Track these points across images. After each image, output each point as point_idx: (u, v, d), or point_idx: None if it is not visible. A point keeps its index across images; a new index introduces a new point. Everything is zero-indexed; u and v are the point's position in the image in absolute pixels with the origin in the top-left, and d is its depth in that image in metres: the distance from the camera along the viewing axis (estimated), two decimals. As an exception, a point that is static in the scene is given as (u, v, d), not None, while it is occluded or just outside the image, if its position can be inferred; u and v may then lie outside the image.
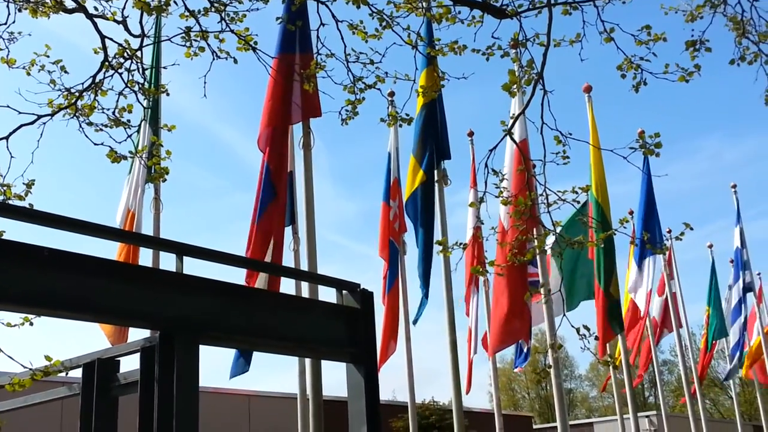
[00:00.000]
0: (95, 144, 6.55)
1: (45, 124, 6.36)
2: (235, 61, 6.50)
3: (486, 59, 6.46)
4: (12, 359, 4.46)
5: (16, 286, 3.23)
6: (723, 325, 21.02)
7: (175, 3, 6.34)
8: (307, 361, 8.69)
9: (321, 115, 9.18)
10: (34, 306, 3.46)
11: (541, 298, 10.53)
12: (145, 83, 6.73)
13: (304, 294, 8.28)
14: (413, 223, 11.45)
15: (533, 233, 8.86)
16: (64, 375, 4.55)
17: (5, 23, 6.32)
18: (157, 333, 3.64)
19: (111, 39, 6.37)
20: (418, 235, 11.26)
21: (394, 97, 9.47)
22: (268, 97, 9.23)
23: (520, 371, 48.43)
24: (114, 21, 6.31)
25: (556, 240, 7.25)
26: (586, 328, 6.41)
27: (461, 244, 7.51)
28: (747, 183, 75.31)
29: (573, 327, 6.39)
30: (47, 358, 4.42)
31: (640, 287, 16.70)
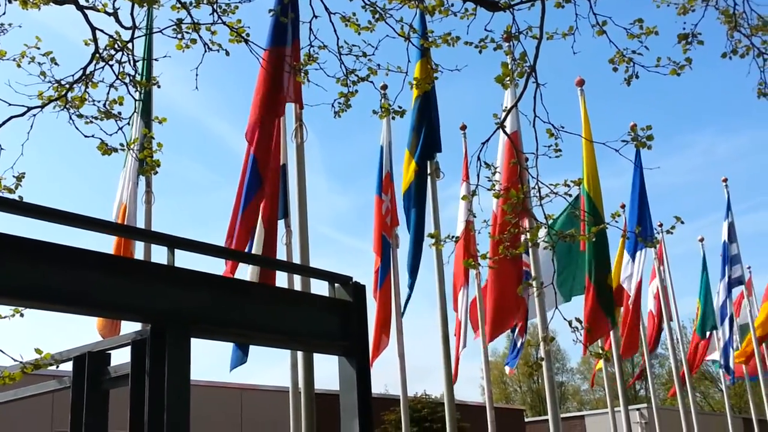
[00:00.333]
0: (86, 136, 6.52)
1: (35, 116, 6.33)
2: (227, 54, 6.48)
3: (479, 52, 6.46)
4: (2, 352, 4.45)
5: (5, 279, 3.20)
6: (713, 318, 21.11)
7: (167, -6, 6.31)
8: (299, 355, 8.69)
9: (302, 108, 9.18)
10: (24, 299, 3.43)
11: (533, 290, 10.55)
12: (137, 75, 6.69)
13: (296, 287, 8.27)
14: (406, 216, 11.44)
15: (525, 226, 8.87)
16: (54, 368, 4.54)
17: (-5, 15, 6.27)
18: (148, 326, 3.63)
19: (102, 31, 6.34)
20: (410, 227, 11.27)
21: (387, 90, 9.47)
22: (257, 89, 9.21)
23: (511, 373, 48.47)
24: (105, 12, 6.27)
25: (547, 233, 7.25)
26: (578, 321, 6.43)
27: (453, 237, 7.51)
28: (740, 177, 75.68)
29: (565, 320, 6.41)
30: (38, 351, 4.41)
31: (631, 278, 16.77)
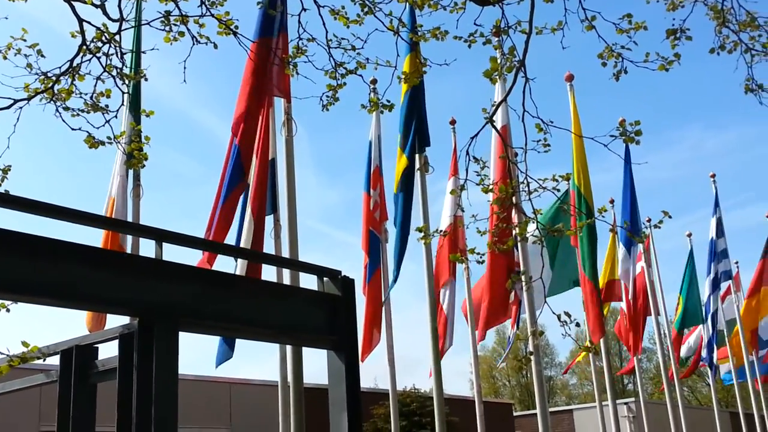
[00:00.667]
0: (72, 129, 6.48)
1: (21, 108, 6.28)
2: (216, 47, 6.45)
3: (468, 46, 6.44)
4: (-12, 346, 4.41)
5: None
6: (697, 313, 21.18)
7: (155, -14, 6.28)
8: (288, 349, 8.68)
9: (290, 102, 9.16)
10: (11, 292, 3.41)
11: (523, 285, 10.58)
12: (124, 68, 6.65)
13: (285, 281, 8.26)
14: (394, 208, 11.39)
15: (514, 221, 8.89)
16: (41, 362, 4.52)
17: (-20, 6, 6.23)
18: (136, 320, 3.61)
19: (89, 23, 6.29)
20: (396, 221, 11.20)
21: (376, 84, 9.45)
22: (244, 81, 9.19)
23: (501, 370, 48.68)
24: (92, 4, 6.22)
25: (536, 227, 7.26)
26: (567, 314, 6.44)
27: (441, 231, 7.51)
28: (727, 173, 76.00)
29: (554, 314, 6.41)
30: (24, 344, 4.38)
31: (629, 272, 16.90)
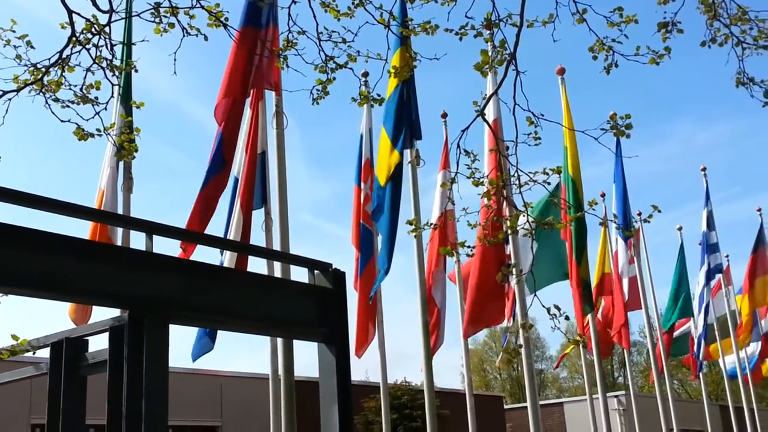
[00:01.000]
0: (62, 121, 6.45)
1: (10, 100, 6.25)
2: (206, 38, 6.41)
3: (459, 39, 6.42)
4: (-22, 339, 4.40)
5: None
6: (688, 306, 21.24)
7: (145, -22, 6.24)
8: (279, 341, 8.68)
9: (280, 95, 9.14)
10: (0, 285, 3.40)
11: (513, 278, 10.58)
12: (114, 59, 6.62)
13: (276, 274, 8.25)
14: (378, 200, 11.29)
15: (505, 214, 8.89)
16: (31, 354, 4.51)
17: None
18: (126, 312, 3.61)
19: (78, 14, 6.24)
20: (384, 212, 11.12)
21: (368, 77, 9.43)
22: (228, 68, 9.16)
23: (498, 365, 48.70)
24: (82, -4, 6.19)
25: (527, 221, 7.28)
26: (556, 307, 6.47)
27: (432, 224, 7.51)
28: (718, 166, 76.28)
29: (544, 307, 6.44)
30: (14, 337, 4.37)
31: (626, 266, 17.01)
